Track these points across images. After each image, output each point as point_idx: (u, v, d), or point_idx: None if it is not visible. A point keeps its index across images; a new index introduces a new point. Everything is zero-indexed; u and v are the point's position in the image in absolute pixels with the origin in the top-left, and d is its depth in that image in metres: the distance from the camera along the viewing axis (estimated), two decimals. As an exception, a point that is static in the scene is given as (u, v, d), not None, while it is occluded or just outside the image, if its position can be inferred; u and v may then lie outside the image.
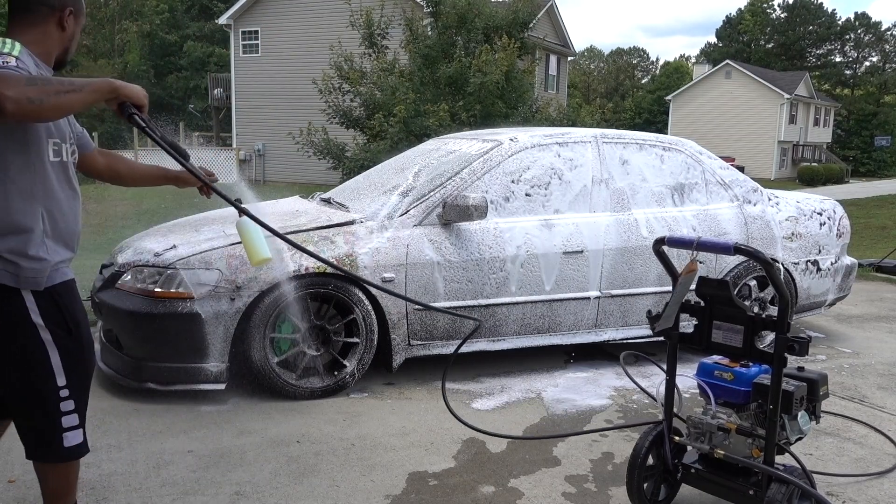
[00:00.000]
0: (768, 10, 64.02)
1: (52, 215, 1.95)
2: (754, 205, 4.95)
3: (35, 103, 1.70)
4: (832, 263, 5.20)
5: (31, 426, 2.01)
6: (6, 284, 1.89)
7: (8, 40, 1.91)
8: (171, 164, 2.31)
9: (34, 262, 1.91)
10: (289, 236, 3.83)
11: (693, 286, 2.61)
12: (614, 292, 4.49)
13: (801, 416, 2.44)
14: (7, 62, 1.80)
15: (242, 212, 2.17)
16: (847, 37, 62.85)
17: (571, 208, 4.48)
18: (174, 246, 3.81)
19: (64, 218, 1.99)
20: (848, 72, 63.41)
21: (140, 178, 2.46)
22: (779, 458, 2.47)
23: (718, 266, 4.73)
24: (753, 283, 4.81)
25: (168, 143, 2.06)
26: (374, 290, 3.87)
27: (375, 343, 3.98)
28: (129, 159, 2.62)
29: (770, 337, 4.31)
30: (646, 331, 4.56)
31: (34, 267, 1.91)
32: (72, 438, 2.02)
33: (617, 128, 6.93)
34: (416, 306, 4.00)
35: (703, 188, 4.85)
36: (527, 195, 4.39)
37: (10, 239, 1.88)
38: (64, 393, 1.98)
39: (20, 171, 1.87)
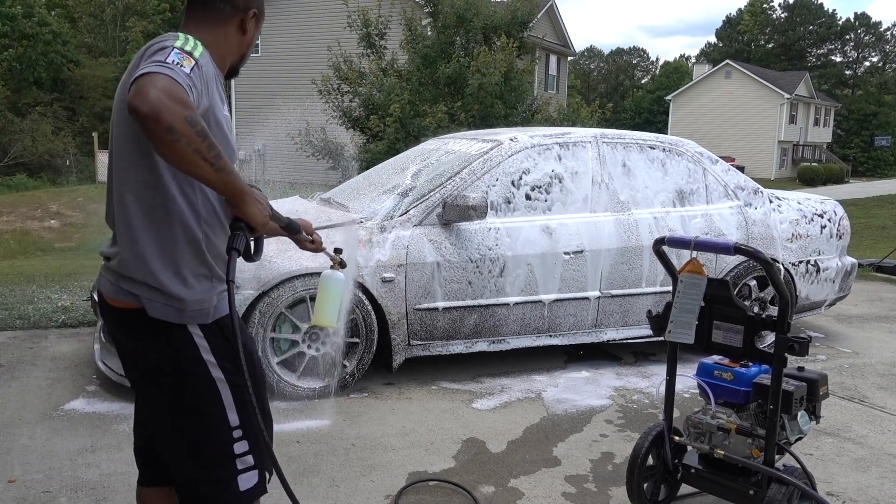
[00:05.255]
0: (768, 11, 64.11)
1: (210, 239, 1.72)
2: (755, 207, 4.94)
3: (174, 136, 1.42)
4: (832, 264, 5.20)
5: (202, 478, 1.77)
6: (168, 321, 1.66)
7: (190, 38, 1.62)
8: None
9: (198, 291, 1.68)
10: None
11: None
12: (614, 292, 4.49)
13: (801, 416, 2.44)
14: (182, 66, 1.51)
15: (338, 266, 2.00)
16: (847, 37, 62.96)
17: (571, 208, 4.48)
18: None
19: (221, 241, 1.75)
20: (848, 72, 63.51)
21: None
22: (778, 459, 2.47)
23: (718, 266, 4.73)
24: (753, 283, 4.81)
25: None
26: (374, 292, 3.88)
27: (375, 343, 3.98)
28: None
29: (770, 337, 4.31)
30: (646, 331, 4.56)
31: (200, 298, 1.69)
32: (247, 481, 1.80)
33: (617, 128, 6.93)
34: (414, 308, 4.00)
35: (704, 188, 4.85)
36: (527, 195, 4.39)
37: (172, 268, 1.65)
38: (237, 434, 1.77)
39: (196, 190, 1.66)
